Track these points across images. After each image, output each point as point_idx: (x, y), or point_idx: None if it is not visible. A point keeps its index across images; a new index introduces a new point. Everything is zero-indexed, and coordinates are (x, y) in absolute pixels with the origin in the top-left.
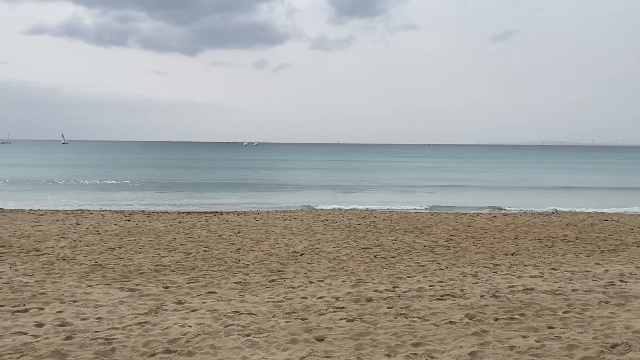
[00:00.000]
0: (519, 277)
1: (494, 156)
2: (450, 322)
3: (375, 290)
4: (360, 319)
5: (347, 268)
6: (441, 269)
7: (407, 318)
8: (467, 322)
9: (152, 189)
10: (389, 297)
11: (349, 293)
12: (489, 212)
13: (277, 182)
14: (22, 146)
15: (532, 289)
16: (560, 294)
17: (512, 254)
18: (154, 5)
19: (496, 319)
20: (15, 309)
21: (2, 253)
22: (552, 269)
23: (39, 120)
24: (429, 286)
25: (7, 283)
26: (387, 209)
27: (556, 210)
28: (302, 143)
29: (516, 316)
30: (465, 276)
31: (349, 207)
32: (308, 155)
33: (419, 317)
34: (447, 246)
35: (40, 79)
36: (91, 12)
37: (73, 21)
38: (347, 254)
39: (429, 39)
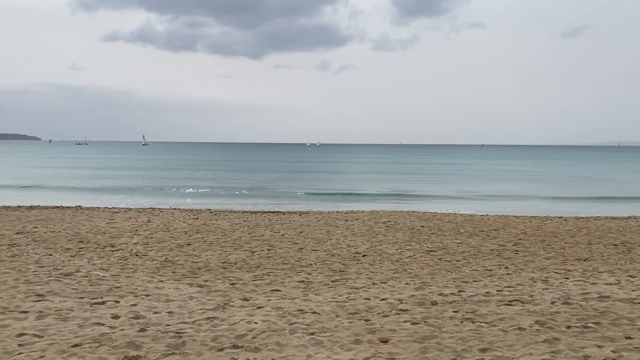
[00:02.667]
0: (593, 283)
1: (580, 158)
2: (519, 329)
3: (440, 294)
4: (425, 322)
5: (411, 270)
6: (509, 274)
7: (473, 323)
8: (537, 329)
9: (222, 188)
10: (454, 301)
11: (412, 296)
12: (560, 216)
13: (338, 182)
14: (103, 147)
15: (608, 297)
16: (639, 302)
17: (585, 260)
18: (221, 11)
19: (568, 327)
20: (93, 301)
21: (80, 248)
22: (630, 276)
23: (112, 122)
24: (497, 291)
25: (86, 276)
26: (452, 211)
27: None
28: (365, 144)
29: (590, 324)
30: (535, 282)
31: (410, 209)
32: (370, 156)
33: (486, 322)
34: (515, 250)
35: (114, 83)
36: (162, 18)
37: (145, 27)
38: (410, 257)
39: (495, 37)
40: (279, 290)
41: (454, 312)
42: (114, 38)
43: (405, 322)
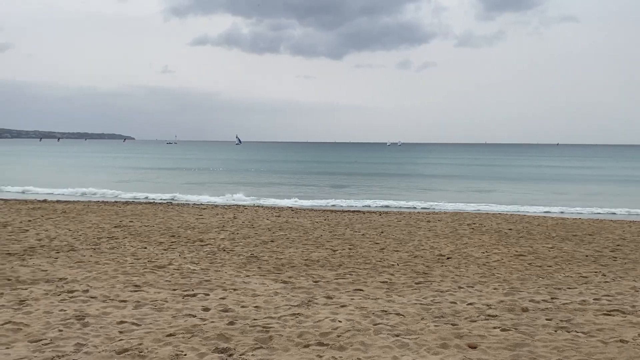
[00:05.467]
0: None
1: None
2: (621, 341)
3: (532, 300)
4: (516, 329)
5: (499, 275)
6: (607, 282)
7: (569, 332)
8: None
9: (303, 186)
10: (547, 308)
11: (501, 301)
12: None
13: (420, 182)
14: (195, 146)
15: None
16: None
17: None
18: (304, 13)
19: None
20: (185, 293)
21: (172, 242)
22: None
23: (200, 123)
24: (594, 299)
25: (178, 269)
26: (541, 213)
27: None
28: (447, 143)
29: None
30: (637, 291)
31: (497, 210)
32: (453, 156)
33: (582, 332)
34: (614, 257)
35: (202, 85)
36: (247, 21)
37: (232, 31)
38: (498, 260)
39: (589, 31)
40: (362, 290)
41: (547, 320)
42: (202, 42)
43: (494, 328)
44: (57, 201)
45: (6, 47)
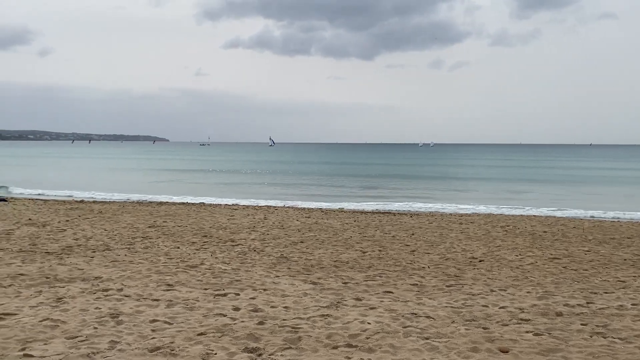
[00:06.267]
0: None
1: None
2: None
3: (566, 305)
4: (549, 333)
5: (532, 278)
6: None
7: (605, 338)
8: None
9: (333, 187)
10: (582, 313)
11: (535, 305)
12: None
13: (452, 183)
14: (229, 147)
15: None
16: None
17: None
18: (336, 14)
19: None
20: (216, 292)
21: (204, 242)
22: None
23: (233, 125)
24: (632, 304)
25: (209, 269)
26: (577, 215)
27: None
28: (481, 144)
29: None
30: None
31: (531, 213)
32: (487, 156)
33: (619, 339)
34: None
35: (234, 87)
36: (279, 24)
37: (263, 34)
38: (532, 264)
39: (629, 28)
40: (392, 292)
41: (582, 325)
42: (234, 45)
43: (527, 332)
44: (94, 201)
45: (47, 52)
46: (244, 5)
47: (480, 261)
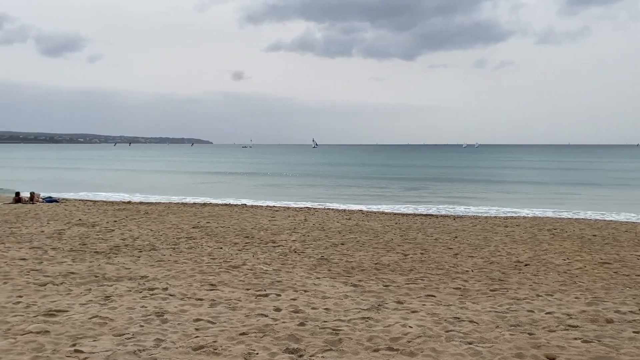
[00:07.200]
0: None
1: None
2: None
3: (617, 311)
4: (599, 341)
5: (581, 284)
6: None
7: None
8: None
9: (375, 188)
10: (634, 320)
11: (583, 311)
12: None
13: (498, 185)
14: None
15: None
16: None
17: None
18: (377, 15)
19: None
20: (258, 293)
21: (246, 243)
22: None
23: (274, 127)
24: None
25: (251, 270)
26: (627, 219)
27: None
28: (527, 144)
29: None
30: None
31: (580, 216)
32: (533, 158)
33: None
34: None
35: (276, 90)
36: (320, 26)
37: (305, 36)
38: (580, 268)
39: None
40: (434, 296)
41: (634, 332)
42: (276, 48)
43: (575, 339)
44: (140, 202)
45: (97, 58)
46: (285, 9)
47: (526, 265)
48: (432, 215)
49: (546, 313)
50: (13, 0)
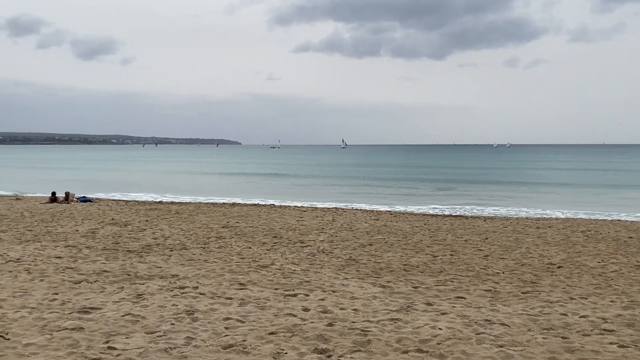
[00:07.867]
0: None
1: None
2: None
3: None
4: (636, 346)
5: (617, 287)
6: None
7: None
8: None
9: (404, 188)
10: None
11: (619, 315)
12: None
13: (530, 186)
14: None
15: None
16: None
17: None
18: (406, 15)
19: None
20: (286, 292)
21: (275, 243)
22: None
23: (302, 127)
24: None
25: (280, 269)
26: None
27: None
28: (560, 144)
29: None
30: None
31: (615, 218)
32: (567, 158)
33: None
34: None
35: (304, 91)
36: (348, 26)
37: (333, 37)
38: (616, 271)
39: None
40: (464, 298)
41: None
42: (305, 49)
43: (610, 343)
44: (171, 202)
45: (129, 61)
46: (314, 10)
47: (558, 267)
48: (461, 216)
49: (580, 317)
50: (49, 4)
